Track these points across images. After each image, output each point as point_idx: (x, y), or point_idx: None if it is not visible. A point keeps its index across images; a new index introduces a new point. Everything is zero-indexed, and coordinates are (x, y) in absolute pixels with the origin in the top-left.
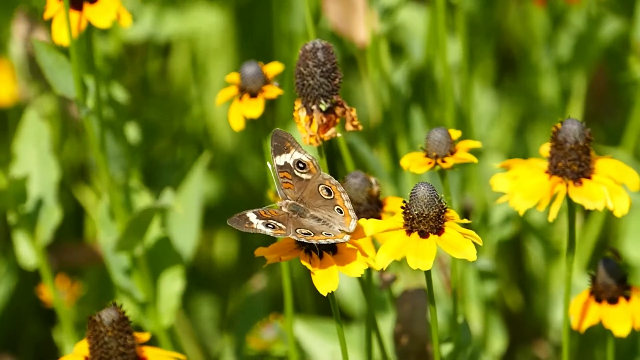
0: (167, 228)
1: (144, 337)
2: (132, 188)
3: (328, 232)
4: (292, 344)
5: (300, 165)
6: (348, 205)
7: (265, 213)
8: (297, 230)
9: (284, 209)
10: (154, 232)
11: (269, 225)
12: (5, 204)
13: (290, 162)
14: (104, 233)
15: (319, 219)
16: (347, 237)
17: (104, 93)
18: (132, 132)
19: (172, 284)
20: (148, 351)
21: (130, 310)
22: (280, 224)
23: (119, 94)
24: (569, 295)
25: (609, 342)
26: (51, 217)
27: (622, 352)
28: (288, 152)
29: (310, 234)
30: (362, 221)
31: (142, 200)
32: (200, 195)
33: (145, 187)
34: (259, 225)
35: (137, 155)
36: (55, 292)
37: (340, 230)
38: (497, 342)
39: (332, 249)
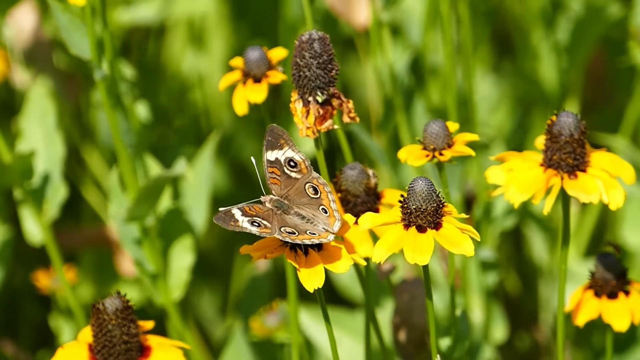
0: (178, 201)
1: (148, 325)
2: (143, 160)
3: (312, 231)
4: (296, 330)
5: (292, 163)
6: (333, 206)
7: (250, 209)
8: (282, 229)
9: (267, 205)
10: (165, 203)
11: (254, 223)
12: (12, 179)
13: (282, 159)
14: (115, 203)
15: (303, 217)
16: (331, 237)
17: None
18: (142, 110)
19: (183, 257)
20: (152, 340)
21: (139, 286)
22: (265, 222)
23: (127, 70)
24: (564, 286)
25: (607, 337)
26: (57, 193)
27: (620, 341)
28: (281, 148)
29: (294, 233)
30: (347, 216)
31: (153, 170)
32: (211, 169)
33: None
34: (244, 223)
35: (147, 134)
36: (60, 269)
37: (324, 229)
38: (499, 332)
39: (318, 245)
